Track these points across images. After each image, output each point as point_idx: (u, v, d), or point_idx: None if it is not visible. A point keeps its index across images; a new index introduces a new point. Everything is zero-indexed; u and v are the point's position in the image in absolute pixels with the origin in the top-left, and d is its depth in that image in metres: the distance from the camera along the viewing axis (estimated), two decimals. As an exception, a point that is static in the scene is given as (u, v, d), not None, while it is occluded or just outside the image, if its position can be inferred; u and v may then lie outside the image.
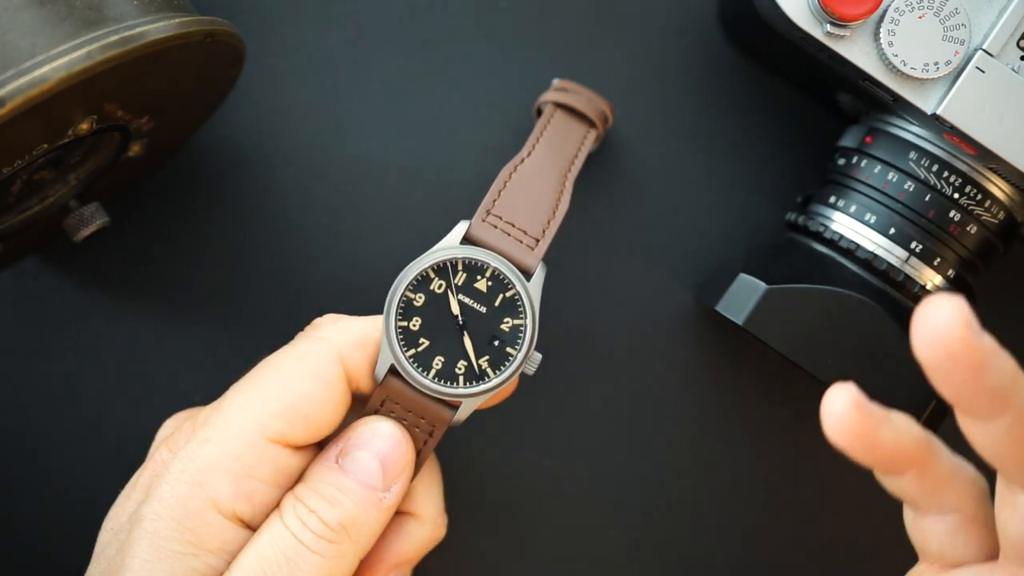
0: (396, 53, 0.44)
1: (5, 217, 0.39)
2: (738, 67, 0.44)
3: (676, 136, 0.44)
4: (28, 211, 0.39)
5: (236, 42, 0.37)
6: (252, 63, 0.43)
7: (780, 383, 0.44)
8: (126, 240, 0.44)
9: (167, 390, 0.44)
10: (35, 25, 0.32)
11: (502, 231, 0.36)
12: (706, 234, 0.44)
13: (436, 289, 0.35)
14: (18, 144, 0.33)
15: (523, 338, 0.35)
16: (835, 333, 0.36)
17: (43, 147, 0.34)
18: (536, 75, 0.44)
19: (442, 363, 0.35)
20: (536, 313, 0.35)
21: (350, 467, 0.34)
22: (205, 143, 0.44)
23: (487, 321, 0.35)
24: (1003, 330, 0.42)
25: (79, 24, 0.32)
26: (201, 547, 0.32)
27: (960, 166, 0.38)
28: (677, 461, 0.44)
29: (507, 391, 0.36)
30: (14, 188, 0.38)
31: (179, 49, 0.34)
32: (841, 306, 0.36)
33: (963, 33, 0.35)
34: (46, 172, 0.39)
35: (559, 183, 0.37)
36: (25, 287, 0.44)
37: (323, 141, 0.44)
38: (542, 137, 0.39)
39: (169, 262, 0.44)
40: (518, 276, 0.35)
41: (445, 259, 0.35)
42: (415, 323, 0.35)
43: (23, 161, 0.34)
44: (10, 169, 0.34)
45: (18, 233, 0.40)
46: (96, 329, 0.44)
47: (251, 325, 0.44)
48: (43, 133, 0.34)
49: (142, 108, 0.37)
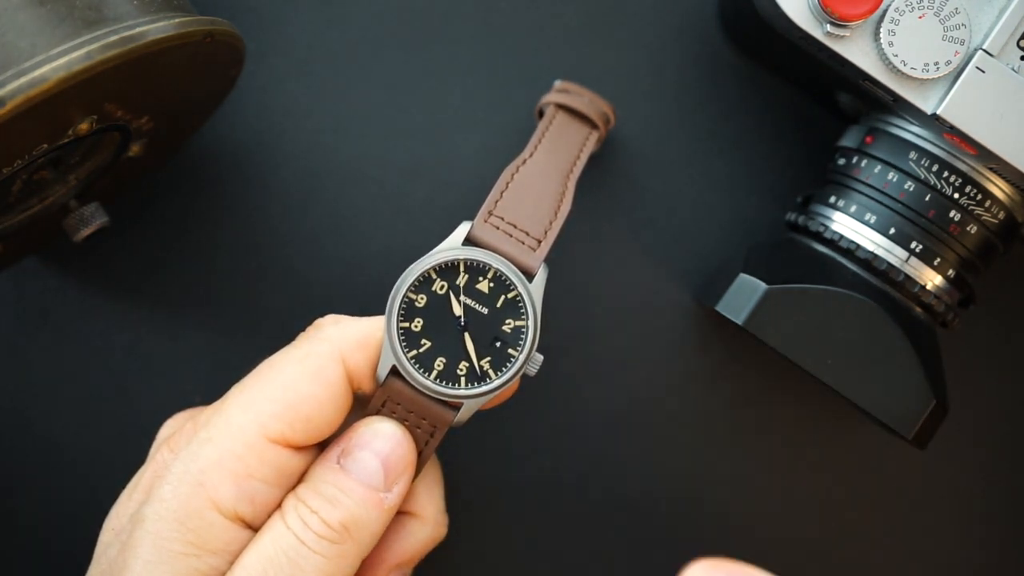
0: (396, 53, 0.44)
1: (5, 217, 0.39)
2: (738, 67, 0.44)
3: (676, 136, 0.44)
4: (28, 211, 0.39)
5: (236, 42, 0.37)
6: (252, 63, 0.43)
7: (780, 383, 0.44)
8: (126, 240, 0.44)
9: (167, 390, 0.44)
10: (35, 25, 0.31)
11: (504, 232, 0.36)
12: (706, 234, 0.44)
13: (438, 290, 0.35)
14: (18, 144, 0.33)
15: (525, 339, 0.35)
16: (835, 333, 0.36)
17: (43, 147, 0.34)
18: (537, 75, 0.44)
19: (444, 364, 0.35)
20: (538, 314, 0.35)
21: (352, 467, 0.34)
22: (205, 143, 0.44)
23: (489, 322, 0.35)
24: (1003, 330, 0.44)
25: (79, 24, 0.32)
26: (203, 548, 0.32)
27: (960, 166, 0.38)
28: (677, 461, 0.44)
29: (508, 392, 0.36)
30: (14, 188, 0.38)
31: (179, 49, 0.34)
32: (841, 306, 0.36)
33: (963, 33, 0.35)
34: (46, 172, 0.39)
35: (561, 184, 0.37)
36: (25, 287, 0.44)
37: (323, 141, 0.44)
38: (544, 138, 0.39)
39: (169, 262, 0.44)
40: (520, 277, 0.35)
41: (447, 260, 0.35)
42: (417, 324, 0.35)
43: (23, 161, 0.34)
44: (10, 169, 0.34)
45: (18, 233, 0.40)
46: (96, 329, 0.44)
47: (252, 325, 0.44)
48: (43, 133, 0.33)
49: (142, 108, 0.37)
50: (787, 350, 0.37)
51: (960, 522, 0.44)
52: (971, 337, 0.43)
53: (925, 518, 0.45)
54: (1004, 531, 0.44)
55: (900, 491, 0.44)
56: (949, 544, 0.45)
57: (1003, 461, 0.44)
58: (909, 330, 0.37)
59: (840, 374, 0.36)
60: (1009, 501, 0.44)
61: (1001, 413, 0.44)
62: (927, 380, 0.36)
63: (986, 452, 0.44)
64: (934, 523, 0.44)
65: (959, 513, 0.45)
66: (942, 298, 0.38)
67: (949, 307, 0.39)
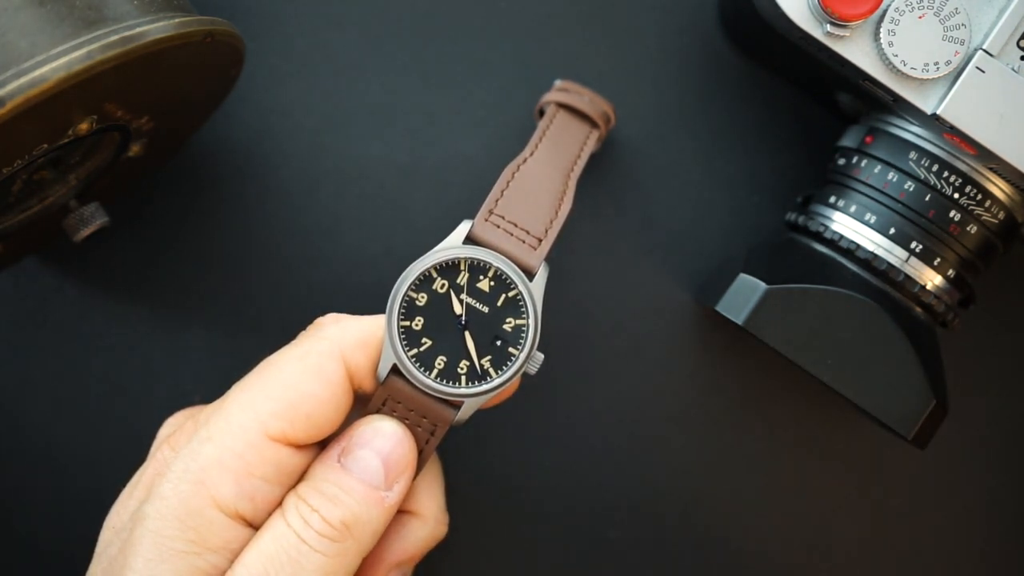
0: (396, 53, 0.44)
1: (5, 217, 0.39)
2: (738, 67, 0.44)
3: (676, 136, 0.44)
4: (28, 211, 0.39)
5: (236, 42, 0.37)
6: (252, 63, 0.43)
7: (780, 383, 0.44)
8: (126, 240, 0.44)
9: (167, 390, 0.44)
10: (35, 25, 0.31)
11: (505, 231, 0.36)
12: (706, 234, 0.44)
13: (439, 288, 0.35)
14: (18, 144, 0.33)
15: (525, 338, 0.35)
16: (835, 333, 0.36)
17: (43, 147, 0.34)
18: (537, 75, 0.44)
19: (444, 363, 0.35)
20: (539, 313, 0.35)
21: (352, 466, 0.34)
22: (205, 143, 0.44)
23: (489, 321, 0.35)
24: (1003, 330, 0.44)
25: (79, 24, 0.32)
26: (204, 545, 0.32)
27: (960, 166, 0.38)
28: (677, 461, 0.44)
29: (509, 391, 0.36)
30: (14, 188, 0.38)
31: (180, 49, 0.34)
32: (841, 306, 0.36)
33: (963, 33, 0.35)
34: (46, 172, 0.39)
35: (562, 183, 0.37)
36: (25, 287, 0.44)
37: (323, 141, 0.44)
38: (544, 137, 0.39)
39: (169, 262, 0.44)
40: (520, 276, 0.35)
41: (448, 259, 0.35)
42: (417, 323, 0.35)
43: (23, 161, 0.34)
44: (10, 169, 0.34)
45: (18, 233, 0.40)
46: (96, 329, 0.44)
47: (252, 324, 0.44)
48: (43, 133, 0.33)
49: (142, 108, 0.37)
50: (787, 350, 0.37)
51: (960, 522, 0.44)
52: (971, 337, 0.43)
53: (925, 518, 0.44)
54: (1004, 531, 0.44)
55: (900, 491, 0.44)
56: (949, 544, 0.44)
57: (1003, 461, 0.44)
58: (909, 330, 0.37)
59: (840, 374, 0.36)
60: (1009, 501, 0.44)
61: (1001, 413, 0.44)
62: (927, 380, 0.36)
63: (986, 452, 0.44)
64: (934, 523, 0.44)
65: (959, 513, 0.44)
66: (942, 298, 0.38)
67: (949, 307, 0.39)
